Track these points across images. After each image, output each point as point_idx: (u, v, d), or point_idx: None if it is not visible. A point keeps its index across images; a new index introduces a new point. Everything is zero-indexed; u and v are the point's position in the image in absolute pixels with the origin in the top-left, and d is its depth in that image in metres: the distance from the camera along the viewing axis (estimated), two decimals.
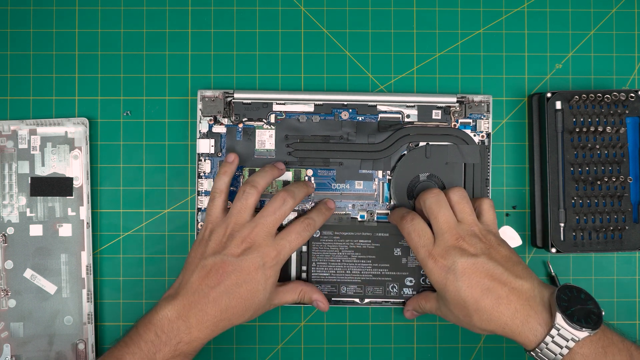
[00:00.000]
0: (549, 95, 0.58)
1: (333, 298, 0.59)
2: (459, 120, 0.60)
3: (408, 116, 0.60)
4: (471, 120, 0.60)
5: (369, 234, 0.59)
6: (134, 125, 0.61)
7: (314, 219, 0.56)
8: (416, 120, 0.60)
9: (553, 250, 0.58)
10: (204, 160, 0.59)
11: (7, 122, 0.59)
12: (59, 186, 0.59)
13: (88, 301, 0.59)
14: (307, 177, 0.60)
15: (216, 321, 0.51)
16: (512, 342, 0.61)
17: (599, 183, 0.58)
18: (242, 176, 0.60)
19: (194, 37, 0.61)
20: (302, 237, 0.55)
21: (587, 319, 0.48)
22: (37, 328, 0.59)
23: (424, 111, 0.60)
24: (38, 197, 0.59)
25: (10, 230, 0.59)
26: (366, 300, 0.59)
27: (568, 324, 0.48)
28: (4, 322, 0.59)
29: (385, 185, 0.60)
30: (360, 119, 0.60)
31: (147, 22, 0.61)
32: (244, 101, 0.59)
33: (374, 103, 0.59)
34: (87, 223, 0.59)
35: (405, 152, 0.60)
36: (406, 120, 0.60)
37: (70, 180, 0.59)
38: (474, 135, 0.60)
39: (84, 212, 0.59)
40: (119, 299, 0.60)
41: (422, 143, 0.60)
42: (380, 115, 0.60)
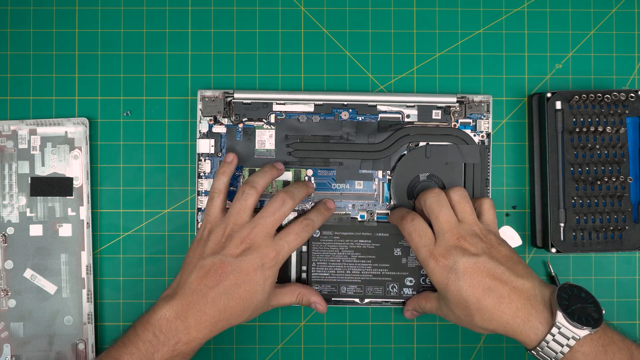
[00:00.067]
0: (549, 95, 0.58)
1: (333, 298, 0.59)
2: (459, 120, 0.60)
3: (408, 116, 0.60)
4: (471, 120, 0.60)
5: (369, 234, 0.59)
6: (134, 125, 0.61)
7: (313, 220, 0.56)
8: (416, 120, 0.60)
9: (553, 250, 0.58)
10: (204, 160, 0.59)
11: (7, 122, 0.59)
12: (59, 186, 0.59)
13: (88, 301, 0.59)
14: (307, 177, 0.60)
15: (215, 321, 0.51)
16: (512, 342, 0.61)
17: (599, 183, 0.58)
18: (242, 176, 0.60)
19: (194, 37, 0.61)
20: (301, 238, 0.55)
21: (588, 318, 0.48)
22: (37, 328, 0.59)
23: (424, 111, 0.60)
24: (38, 197, 0.59)
25: (10, 230, 0.59)
26: (366, 300, 0.59)
27: (569, 322, 0.48)
28: (4, 322, 0.59)
29: (385, 185, 0.60)
30: (360, 119, 0.60)
31: (147, 22, 0.61)
32: (244, 101, 0.59)
33: (374, 103, 0.59)
34: (87, 223, 0.59)
35: (405, 152, 0.60)
36: (406, 120, 0.60)
37: (70, 180, 0.59)
38: (474, 135, 0.60)
39: (84, 212, 0.59)
40: (119, 299, 0.60)
41: (422, 143, 0.60)
42: (380, 115, 0.60)
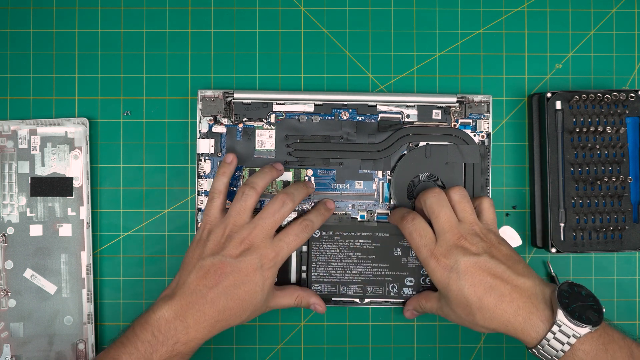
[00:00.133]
0: (549, 95, 0.58)
1: (333, 298, 0.59)
2: (459, 120, 0.60)
3: (408, 116, 0.60)
4: (471, 120, 0.60)
5: (369, 234, 0.59)
6: (134, 125, 0.61)
7: (312, 220, 0.56)
8: (416, 120, 0.60)
9: (553, 250, 0.58)
10: (204, 160, 0.59)
11: (7, 122, 0.59)
12: (59, 186, 0.59)
13: (88, 301, 0.59)
14: (307, 177, 0.60)
15: (214, 322, 0.51)
16: (512, 342, 0.61)
17: (599, 183, 0.58)
18: (242, 176, 0.60)
19: (194, 37, 0.61)
20: (300, 239, 0.55)
21: (588, 316, 0.49)
22: (37, 328, 0.59)
23: (424, 111, 0.60)
24: (38, 197, 0.59)
25: (10, 230, 0.59)
26: (366, 300, 0.59)
27: (569, 320, 0.48)
28: (4, 322, 0.59)
29: (385, 185, 0.60)
30: (360, 119, 0.60)
31: (147, 22, 0.61)
32: (244, 101, 0.59)
33: (374, 103, 0.59)
34: (87, 223, 0.59)
35: (405, 152, 0.60)
36: (406, 120, 0.60)
37: (70, 180, 0.59)
38: (474, 135, 0.60)
39: (84, 212, 0.59)
40: (119, 299, 0.60)
41: (422, 143, 0.60)
42: (380, 115, 0.60)
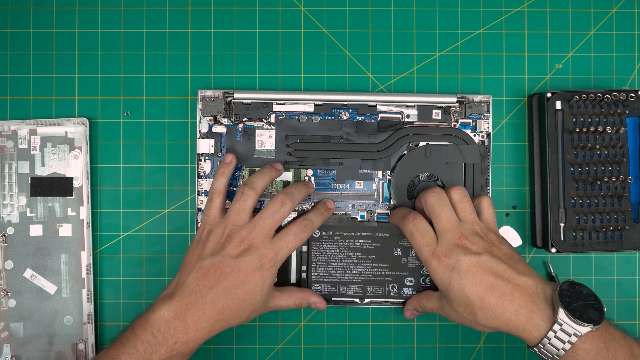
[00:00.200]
0: (549, 95, 0.58)
1: (333, 298, 0.59)
2: (459, 120, 0.60)
3: (408, 116, 0.60)
4: (471, 120, 0.60)
5: (369, 234, 0.59)
6: (134, 125, 0.61)
7: (312, 220, 0.56)
8: (416, 120, 0.60)
9: (553, 250, 0.58)
10: (204, 160, 0.59)
11: (7, 122, 0.59)
12: (59, 186, 0.59)
13: (88, 301, 0.59)
14: (307, 177, 0.60)
15: (213, 322, 0.51)
16: (512, 342, 0.61)
17: (599, 183, 0.58)
18: (242, 176, 0.60)
19: (194, 37, 0.61)
20: (300, 239, 0.55)
21: (590, 315, 0.49)
22: (37, 328, 0.59)
23: (424, 111, 0.60)
24: (38, 197, 0.59)
25: (10, 230, 0.59)
26: (366, 300, 0.59)
27: (570, 319, 0.48)
28: (4, 322, 0.59)
29: (385, 185, 0.60)
30: (360, 119, 0.60)
31: (147, 22, 0.61)
32: (244, 101, 0.59)
33: (374, 103, 0.59)
34: (87, 223, 0.59)
35: (405, 152, 0.60)
36: (406, 120, 0.60)
37: (70, 180, 0.59)
38: (474, 135, 0.60)
39: (84, 212, 0.59)
40: (119, 299, 0.60)
41: (422, 143, 0.60)
42: (380, 115, 0.60)
